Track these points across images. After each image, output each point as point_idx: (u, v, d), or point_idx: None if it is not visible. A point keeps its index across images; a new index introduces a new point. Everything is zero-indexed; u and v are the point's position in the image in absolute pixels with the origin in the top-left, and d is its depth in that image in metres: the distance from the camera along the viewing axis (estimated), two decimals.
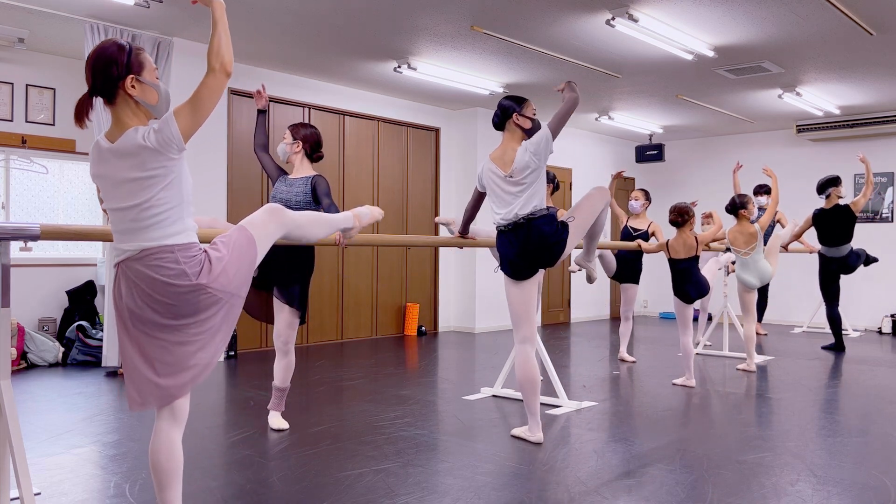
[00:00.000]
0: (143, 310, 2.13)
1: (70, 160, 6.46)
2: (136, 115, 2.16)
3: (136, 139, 2.08)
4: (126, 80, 2.12)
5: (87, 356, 6.07)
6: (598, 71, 6.87)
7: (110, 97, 2.14)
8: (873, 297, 9.29)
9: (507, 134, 3.70)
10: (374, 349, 7.14)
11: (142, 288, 2.12)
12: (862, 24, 5.44)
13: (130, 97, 2.14)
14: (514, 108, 3.66)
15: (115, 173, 2.12)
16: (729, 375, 5.74)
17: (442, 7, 5.18)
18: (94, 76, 2.12)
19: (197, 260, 2.16)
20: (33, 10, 5.19)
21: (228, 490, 2.95)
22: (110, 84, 2.12)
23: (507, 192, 3.63)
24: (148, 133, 2.08)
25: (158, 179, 2.10)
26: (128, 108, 2.15)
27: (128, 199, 2.11)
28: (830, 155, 9.66)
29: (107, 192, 2.16)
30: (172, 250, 2.12)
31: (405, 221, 8.45)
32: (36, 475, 3.11)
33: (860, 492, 2.95)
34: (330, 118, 7.64)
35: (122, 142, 2.10)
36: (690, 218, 5.25)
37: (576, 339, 8.11)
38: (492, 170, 3.68)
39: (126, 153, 2.09)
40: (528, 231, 3.58)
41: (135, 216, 2.11)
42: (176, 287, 2.11)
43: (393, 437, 3.77)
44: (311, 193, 3.78)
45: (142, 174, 2.09)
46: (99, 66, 2.11)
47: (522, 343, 3.74)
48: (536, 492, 2.94)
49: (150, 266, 2.11)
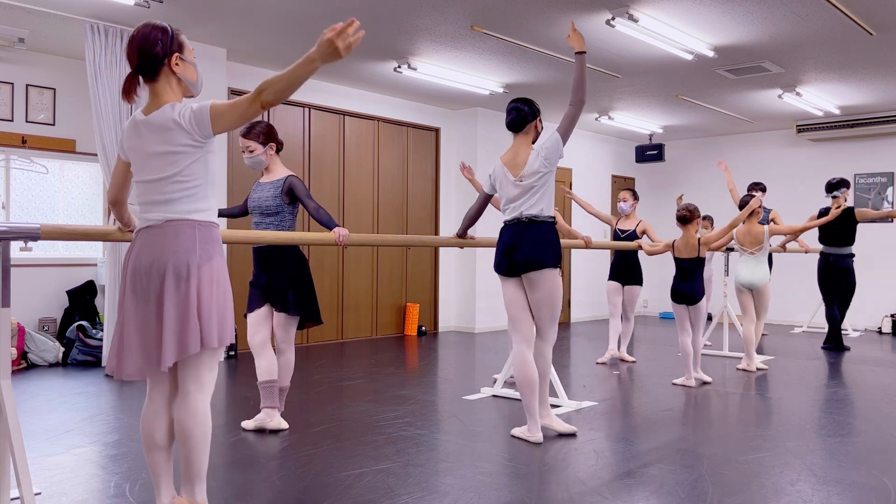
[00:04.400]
0: (149, 268, 2.23)
1: (70, 160, 6.46)
2: (175, 92, 2.28)
3: (171, 114, 2.21)
4: (172, 57, 2.25)
5: (87, 356, 6.07)
6: (598, 71, 6.87)
7: (153, 75, 2.26)
8: (873, 297, 9.29)
9: (522, 137, 3.81)
10: (374, 349, 7.14)
11: (151, 248, 2.24)
12: (862, 24, 5.44)
13: (173, 74, 2.27)
14: (536, 112, 3.82)
15: (146, 146, 2.25)
16: (729, 375, 5.74)
17: (442, 7, 5.18)
18: (141, 55, 2.24)
19: (210, 247, 2.26)
20: (33, 10, 5.19)
21: (228, 490, 2.95)
22: (156, 62, 2.24)
23: (517, 194, 3.74)
24: (184, 110, 2.20)
25: (185, 156, 2.22)
26: (168, 84, 2.27)
27: (156, 172, 2.24)
28: (830, 155, 9.66)
29: (138, 165, 2.29)
30: (193, 226, 2.25)
31: (405, 221, 8.45)
32: (36, 475, 3.11)
33: (860, 492, 2.95)
34: (330, 118, 7.64)
35: (156, 115, 2.23)
36: (696, 217, 5.33)
37: (576, 339, 8.11)
38: (503, 173, 3.80)
39: (158, 127, 2.22)
40: (530, 228, 3.69)
41: (162, 188, 2.24)
42: (178, 256, 2.22)
43: (393, 437, 3.77)
44: (282, 196, 3.72)
45: (170, 148, 2.21)
46: (145, 45, 2.23)
47: (518, 344, 3.78)
48: (536, 492, 2.94)
49: (167, 233, 2.23)
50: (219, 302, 2.27)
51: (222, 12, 5.34)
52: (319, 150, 7.50)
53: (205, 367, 2.29)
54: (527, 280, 3.71)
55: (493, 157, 8.86)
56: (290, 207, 3.77)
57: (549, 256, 3.67)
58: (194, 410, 2.26)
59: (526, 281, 3.72)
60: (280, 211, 3.74)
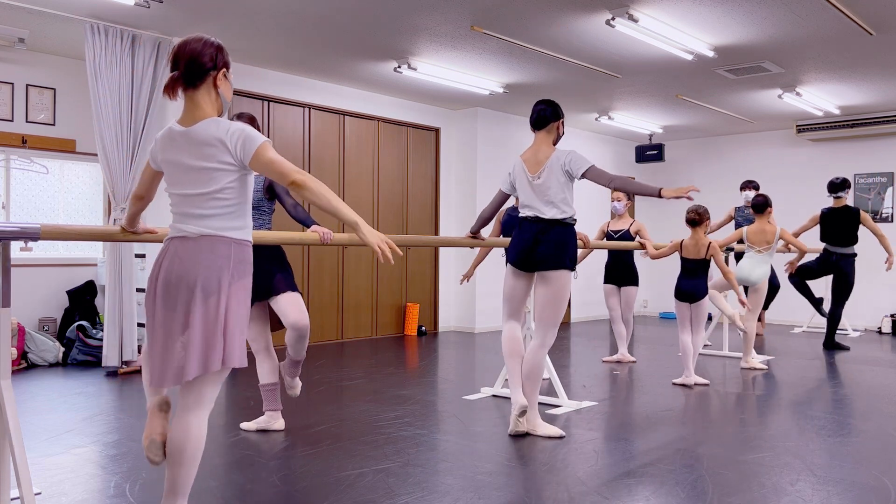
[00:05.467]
0: (179, 280, 2.19)
1: (70, 160, 6.46)
2: (213, 106, 2.29)
3: (216, 132, 2.20)
4: (218, 72, 2.28)
5: (87, 356, 6.07)
6: (598, 71, 6.87)
7: (195, 83, 2.25)
8: (873, 297, 9.29)
9: (543, 135, 3.87)
10: (374, 349, 7.14)
11: (184, 259, 2.19)
12: (862, 24, 5.44)
13: (215, 88, 2.28)
14: (559, 114, 3.87)
15: (184, 159, 2.23)
16: (729, 375, 5.74)
17: (442, 7, 5.18)
18: (189, 62, 2.23)
19: (242, 267, 2.24)
20: (33, 10, 5.19)
21: (228, 490, 2.95)
22: (202, 72, 2.25)
23: (534, 192, 3.79)
24: (233, 130, 2.20)
25: (226, 174, 2.22)
26: (208, 96, 2.28)
27: (195, 187, 2.22)
28: (830, 155, 9.66)
29: (174, 177, 2.26)
30: (229, 244, 2.23)
31: (405, 221, 8.45)
32: (36, 475, 3.11)
33: (860, 492, 2.95)
34: (330, 118, 7.64)
35: (197, 129, 2.22)
36: (705, 220, 5.40)
37: (576, 339, 8.11)
38: (522, 170, 3.85)
39: (199, 141, 2.21)
40: (555, 228, 3.75)
41: (200, 203, 2.22)
42: (211, 271, 2.18)
43: (393, 437, 3.77)
44: (263, 191, 3.74)
45: (211, 164, 2.21)
46: (195, 53, 2.23)
47: (508, 321, 3.94)
48: (536, 492, 2.94)
49: (203, 247, 2.20)
50: (242, 323, 2.24)
51: (222, 12, 5.34)
52: (319, 150, 7.50)
53: (209, 384, 2.23)
54: (540, 276, 3.78)
55: (493, 158, 8.86)
56: (269, 203, 3.81)
57: (568, 259, 3.75)
58: (188, 426, 2.20)
59: (539, 277, 3.79)
60: (260, 206, 3.77)
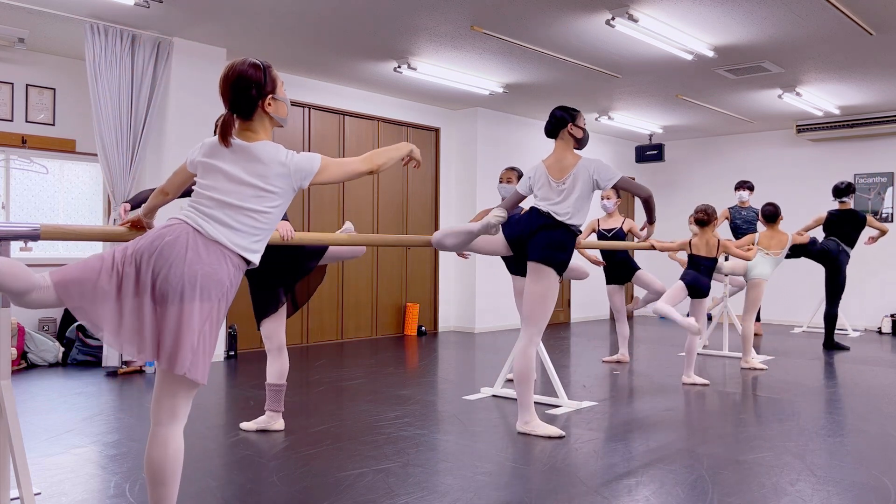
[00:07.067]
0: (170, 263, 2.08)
1: (70, 160, 6.46)
2: (266, 130, 2.29)
3: (276, 154, 2.21)
4: (265, 99, 2.24)
5: (87, 356, 6.07)
6: (597, 71, 6.87)
7: (248, 115, 2.24)
8: (873, 297, 9.29)
9: (560, 143, 3.91)
10: (374, 349, 7.14)
11: (186, 249, 2.10)
12: (862, 24, 5.44)
13: (266, 114, 2.27)
14: (567, 118, 3.88)
15: (233, 169, 2.20)
16: (729, 375, 5.74)
17: (442, 7, 5.18)
18: (236, 96, 2.22)
19: (234, 288, 2.21)
20: (33, 10, 5.19)
21: (228, 490, 2.95)
22: (251, 104, 2.23)
23: (555, 197, 3.82)
24: (291, 155, 2.22)
25: (275, 197, 2.22)
26: (261, 123, 2.27)
27: (237, 199, 2.19)
28: (830, 155, 9.67)
29: (214, 181, 2.21)
30: (238, 264, 2.21)
31: (405, 221, 8.45)
32: (36, 475, 3.11)
33: (860, 492, 2.95)
34: (330, 118, 7.64)
35: (258, 147, 2.21)
36: (713, 219, 5.51)
37: (576, 339, 8.11)
38: (545, 176, 3.87)
39: (257, 159, 2.20)
40: (559, 229, 3.77)
41: (234, 216, 2.19)
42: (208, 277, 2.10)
43: (393, 437, 3.77)
44: None
45: (262, 184, 2.20)
46: (240, 86, 2.21)
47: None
48: (536, 492, 2.94)
49: (211, 251, 2.13)
50: (212, 342, 2.17)
51: (222, 12, 5.34)
52: (319, 150, 7.49)
53: (181, 398, 2.15)
54: (530, 270, 3.81)
55: (493, 158, 8.86)
56: None
57: (558, 262, 3.77)
58: (166, 444, 2.13)
59: (529, 271, 3.82)
60: None
